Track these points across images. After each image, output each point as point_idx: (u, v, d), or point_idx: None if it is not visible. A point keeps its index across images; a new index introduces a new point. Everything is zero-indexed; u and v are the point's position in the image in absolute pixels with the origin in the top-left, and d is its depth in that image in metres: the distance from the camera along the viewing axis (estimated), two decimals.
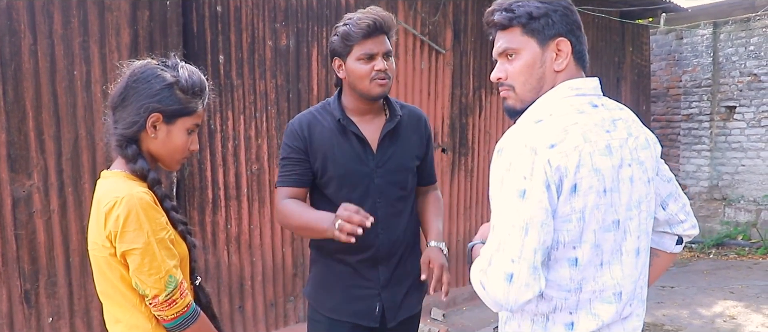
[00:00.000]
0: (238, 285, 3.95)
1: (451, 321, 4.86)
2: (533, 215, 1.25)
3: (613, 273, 1.37)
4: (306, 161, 2.05)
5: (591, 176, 1.29)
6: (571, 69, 1.40)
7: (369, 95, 2.00)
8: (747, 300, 5.54)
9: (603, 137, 1.33)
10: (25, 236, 3.05)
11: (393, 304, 2.12)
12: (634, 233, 1.39)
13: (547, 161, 1.26)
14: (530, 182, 1.26)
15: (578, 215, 1.30)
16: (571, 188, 1.28)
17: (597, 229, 1.32)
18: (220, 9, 3.73)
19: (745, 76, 8.08)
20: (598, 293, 1.36)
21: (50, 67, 3.07)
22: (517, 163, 1.28)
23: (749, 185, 8.16)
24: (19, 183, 3.01)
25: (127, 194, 1.47)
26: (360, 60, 1.96)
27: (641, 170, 1.40)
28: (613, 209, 1.33)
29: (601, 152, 1.31)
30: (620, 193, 1.34)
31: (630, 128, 1.41)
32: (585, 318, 1.36)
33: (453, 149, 5.29)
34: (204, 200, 3.75)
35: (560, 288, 1.34)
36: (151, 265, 1.47)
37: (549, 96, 1.40)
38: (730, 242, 7.96)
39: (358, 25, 1.94)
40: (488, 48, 5.50)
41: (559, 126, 1.31)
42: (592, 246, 1.33)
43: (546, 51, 1.39)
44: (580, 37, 1.40)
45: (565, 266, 1.33)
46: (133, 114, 1.55)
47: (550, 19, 1.37)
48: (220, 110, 3.78)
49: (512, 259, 1.26)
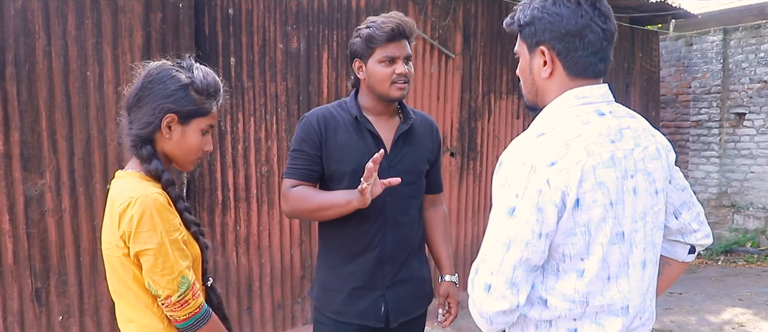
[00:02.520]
0: (246, 287, 3.96)
1: (458, 325, 4.85)
2: (518, 233, 1.28)
3: (620, 287, 1.36)
4: (317, 156, 2.06)
5: (595, 190, 1.28)
6: (561, 76, 1.38)
7: (388, 98, 2.04)
8: (755, 307, 5.51)
9: (607, 147, 1.31)
10: (37, 235, 3.07)
11: (397, 304, 2.13)
12: (640, 246, 1.38)
13: (547, 181, 1.26)
14: (521, 201, 1.27)
15: (583, 229, 1.29)
16: (574, 204, 1.27)
17: (604, 242, 1.31)
18: (232, 12, 3.75)
19: (755, 82, 8.05)
20: (606, 307, 1.35)
21: (64, 67, 3.09)
22: (512, 179, 1.29)
23: (758, 192, 8.12)
24: (31, 182, 3.04)
25: (142, 195, 1.49)
26: (381, 63, 2.00)
27: (647, 181, 1.38)
28: (617, 222, 1.32)
29: (604, 165, 1.29)
30: (624, 204, 1.33)
31: (638, 138, 1.39)
32: (589, 327, 1.36)
33: (462, 153, 5.29)
34: (214, 201, 3.77)
35: (565, 299, 1.34)
36: (164, 266, 1.48)
37: (554, 106, 1.38)
38: (739, 249, 7.92)
39: (382, 28, 1.97)
40: (497, 52, 5.51)
41: (561, 141, 1.29)
42: (600, 260, 1.32)
43: (533, 58, 1.40)
44: (572, 43, 1.34)
45: (573, 276, 1.33)
46: (149, 115, 1.56)
47: (534, 27, 1.37)
48: (230, 112, 3.80)
49: (491, 271, 1.31)
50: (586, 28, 1.33)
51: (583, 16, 1.33)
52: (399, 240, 2.11)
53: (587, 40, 1.34)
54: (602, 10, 1.35)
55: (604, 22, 1.35)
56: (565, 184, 1.26)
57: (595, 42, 1.35)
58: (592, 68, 1.37)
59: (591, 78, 1.38)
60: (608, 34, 1.36)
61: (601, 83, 1.42)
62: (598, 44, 1.35)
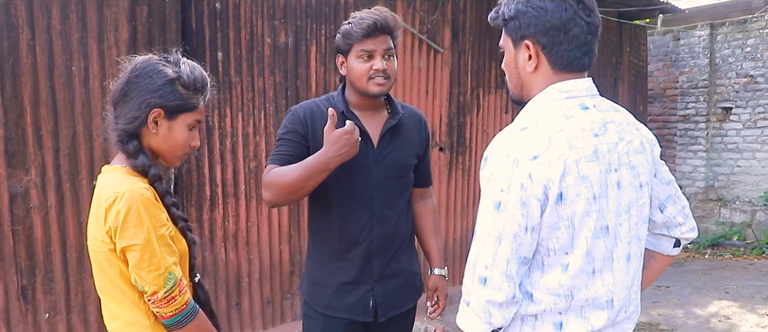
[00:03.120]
0: (235, 282, 3.95)
1: (448, 319, 4.86)
2: (506, 227, 1.29)
3: (604, 281, 1.37)
4: (303, 145, 2.04)
5: (578, 184, 1.28)
6: (546, 70, 1.38)
7: (367, 93, 2.03)
8: (742, 300, 5.56)
9: (590, 141, 1.31)
10: (22, 232, 3.04)
11: (385, 298, 2.13)
12: (624, 239, 1.39)
13: (529, 175, 1.26)
14: (506, 195, 1.28)
15: (566, 223, 1.30)
16: (557, 198, 1.28)
17: (588, 236, 1.32)
18: (219, 6, 3.72)
19: (741, 77, 8.10)
20: (591, 301, 1.36)
21: (48, 62, 3.06)
22: (497, 174, 1.30)
23: (745, 185, 8.19)
24: (16, 179, 3.00)
25: (128, 190, 1.47)
26: (359, 58, 2.00)
27: (632, 175, 1.38)
28: (601, 215, 1.33)
29: (588, 158, 1.29)
30: (608, 198, 1.33)
31: (622, 131, 1.39)
32: (574, 320, 1.37)
33: (451, 147, 5.30)
34: (202, 197, 3.75)
35: (549, 292, 1.35)
36: (151, 261, 1.47)
37: (537, 100, 1.39)
38: (726, 242, 7.99)
39: (360, 24, 1.97)
40: (486, 47, 5.51)
41: (544, 135, 1.30)
42: (584, 254, 1.33)
43: (518, 52, 1.41)
44: (556, 37, 1.35)
45: (557, 271, 1.34)
46: (135, 109, 1.54)
47: (519, 21, 1.38)
48: (218, 107, 3.78)
49: (486, 265, 1.32)
50: (571, 22, 1.34)
51: (567, 9, 1.34)
52: (387, 235, 2.11)
53: (572, 34, 1.34)
54: (586, 4, 1.36)
55: (589, 16, 1.36)
56: (547, 178, 1.26)
57: (579, 36, 1.35)
58: (577, 62, 1.38)
59: (576, 72, 1.39)
60: (592, 27, 1.37)
61: (586, 76, 1.42)
62: (582, 38, 1.36)
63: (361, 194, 2.05)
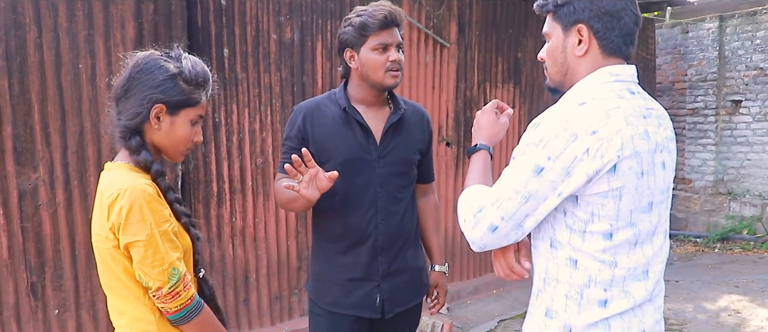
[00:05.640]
0: (242, 278, 3.96)
1: (455, 314, 4.87)
2: (539, 190, 1.35)
3: (645, 252, 1.43)
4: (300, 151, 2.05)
5: (631, 159, 1.33)
6: (595, 55, 1.45)
7: (382, 86, 2.03)
8: (752, 294, 5.52)
9: (641, 122, 1.37)
10: (32, 229, 3.07)
11: (392, 295, 2.13)
12: (662, 216, 1.46)
13: (586, 149, 1.31)
14: (552, 163, 1.33)
15: (616, 193, 1.35)
16: (611, 168, 1.32)
17: (633, 209, 1.37)
18: (224, 2, 3.73)
19: (751, 70, 8.03)
20: (632, 270, 1.41)
21: (55, 60, 3.07)
22: (549, 142, 1.34)
23: (755, 179, 8.12)
24: (25, 176, 3.03)
25: (131, 186, 1.47)
26: (375, 50, 2.00)
27: (670, 159, 1.46)
28: (649, 192, 1.39)
29: (640, 136, 1.35)
30: (655, 176, 1.40)
31: (660, 118, 1.46)
32: (619, 296, 1.41)
33: (457, 142, 5.29)
34: (209, 193, 3.76)
35: (594, 259, 1.39)
36: (155, 257, 1.47)
37: (589, 80, 1.44)
38: (735, 236, 7.93)
39: (374, 16, 1.98)
40: (493, 41, 5.49)
41: (602, 110, 1.35)
42: (628, 225, 1.38)
43: (568, 37, 1.47)
44: (609, 23, 1.42)
45: (599, 238, 1.39)
46: (137, 105, 1.54)
47: (573, 6, 1.44)
48: (224, 104, 3.79)
49: (502, 217, 1.40)
50: (623, 11, 1.43)
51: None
52: (392, 231, 2.11)
53: (623, 22, 1.43)
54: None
55: (636, 9, 1.46)
56: (605, 149, 1.31)
57: (628, 25, 1.45)
58: (624, 50, 1.46)
59: (622, 58, 1.47)
60: (638, 19, 1.47)
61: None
62: (630, 27, 1.45)
63: (365, 191, 2.05)
